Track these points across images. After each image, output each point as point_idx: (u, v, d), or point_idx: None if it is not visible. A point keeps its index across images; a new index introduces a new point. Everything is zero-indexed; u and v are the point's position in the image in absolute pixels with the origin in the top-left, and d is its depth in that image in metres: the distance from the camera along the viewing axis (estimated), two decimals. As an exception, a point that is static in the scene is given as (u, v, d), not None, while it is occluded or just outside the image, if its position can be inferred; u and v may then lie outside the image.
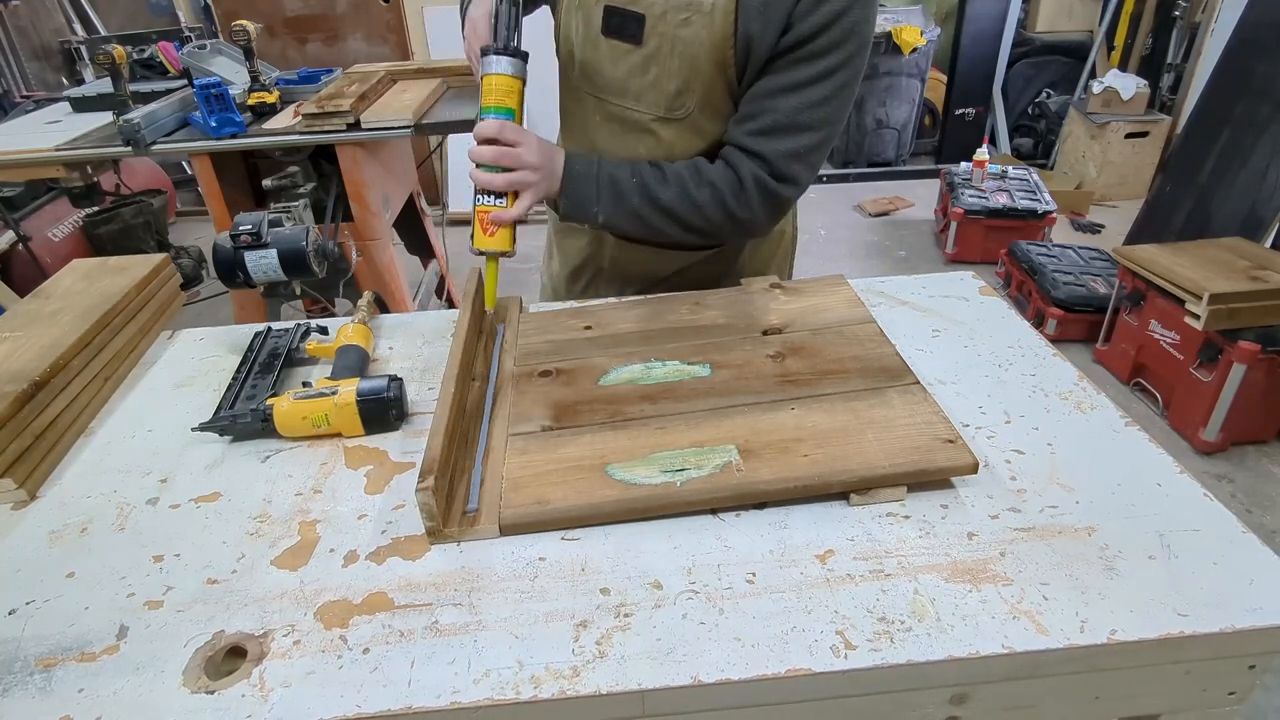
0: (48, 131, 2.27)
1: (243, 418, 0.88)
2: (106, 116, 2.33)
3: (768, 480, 0.74)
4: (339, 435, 0.88)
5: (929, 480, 0.75)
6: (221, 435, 0.88)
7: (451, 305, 2.97)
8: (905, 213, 4.29)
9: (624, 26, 0.98)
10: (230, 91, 2.12)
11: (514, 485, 0.76)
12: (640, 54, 0.99)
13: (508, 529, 0.73)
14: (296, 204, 1.92)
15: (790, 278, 1.32)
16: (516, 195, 0.90)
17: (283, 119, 2.21)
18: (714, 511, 0.74)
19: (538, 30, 1.08)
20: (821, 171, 4.70)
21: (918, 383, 0.87)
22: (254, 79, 2.24)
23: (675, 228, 1.00)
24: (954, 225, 3.58)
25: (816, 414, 0.82)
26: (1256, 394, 2.25)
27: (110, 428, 0.93)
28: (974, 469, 0.75)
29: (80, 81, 4.31)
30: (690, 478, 0.75)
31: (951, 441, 0.76)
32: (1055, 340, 2.80)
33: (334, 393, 0.87)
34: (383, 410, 0.87)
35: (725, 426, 0.81)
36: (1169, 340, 2.45)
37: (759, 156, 0.96)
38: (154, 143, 2.10)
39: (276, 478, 0.83)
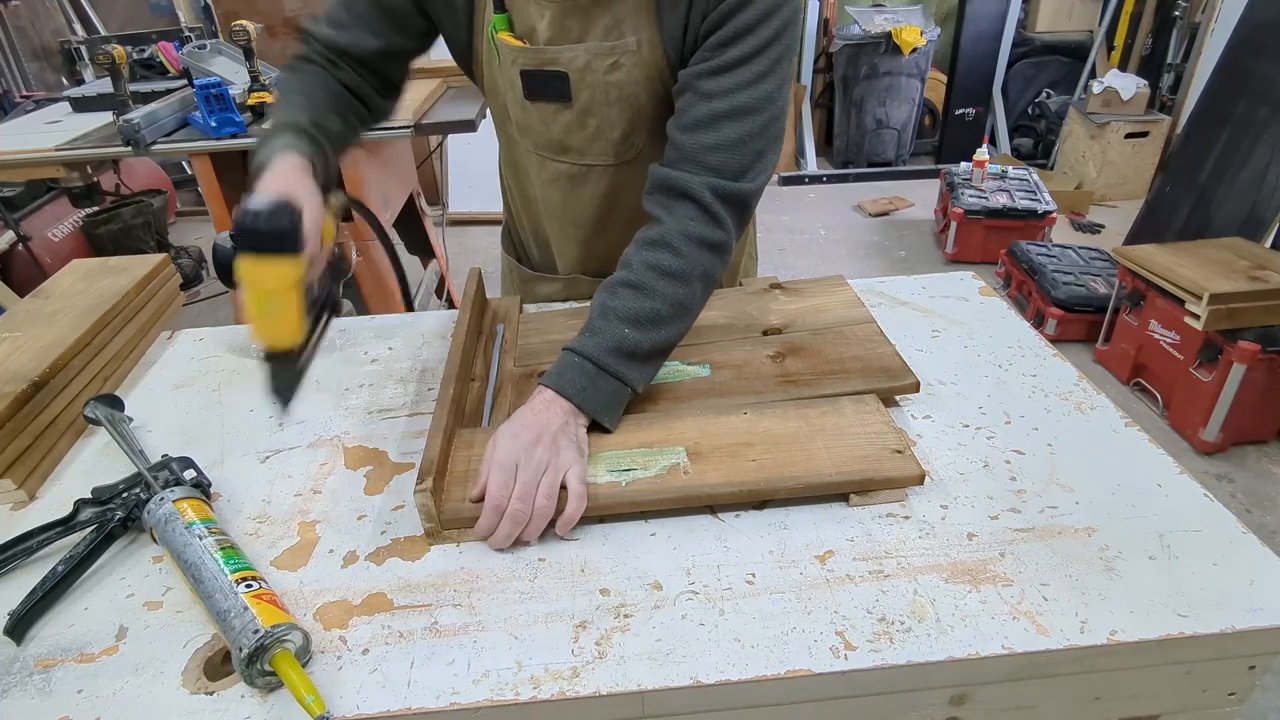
0: (48, 131, 2.27)
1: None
2: (106, 116, 2.33)
3: (713, 484, 0.73)
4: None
5: (874, 489, 0.74)
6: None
7: (451, 305, 2.97)
8: (905, 213, 4.29)
9: (547, 88, 0.91)
10: (230, 91, 2.12)
11: (457, 479, 0.75)
12: (573, 111, 0.92)
13: (448, 524, 0.72)
14: (296, 204, 1.91)
15: (757, 268, 1.29)
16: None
17: (283, 119, 2.21)
18: (713, 511, 0.74)
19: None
20: (821, 171, 4.76)
21: (917, 383, 0.88)
22: (254, 79, 2.24)
23: (694, 305, 0.85)
24: (954, 225, 3.58)
25: (769, 419, 0.81)
26: (1256, 394, 2.25)
27: (110, 428, 0.93)
28: (920, 480, 0.74)
29: (80, 81, 4.30)
30: (636, 478, 0.74)
31: (900, 452, 0.75)
32: (1055, 340, 2.80)
33: None
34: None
35: (676, 428, 0.80)
36: (1169, 340, 2.45)
37: (705, 167, 0.82)
38: (154, 143, 2.10)
39: (275, 478, 0.83)
